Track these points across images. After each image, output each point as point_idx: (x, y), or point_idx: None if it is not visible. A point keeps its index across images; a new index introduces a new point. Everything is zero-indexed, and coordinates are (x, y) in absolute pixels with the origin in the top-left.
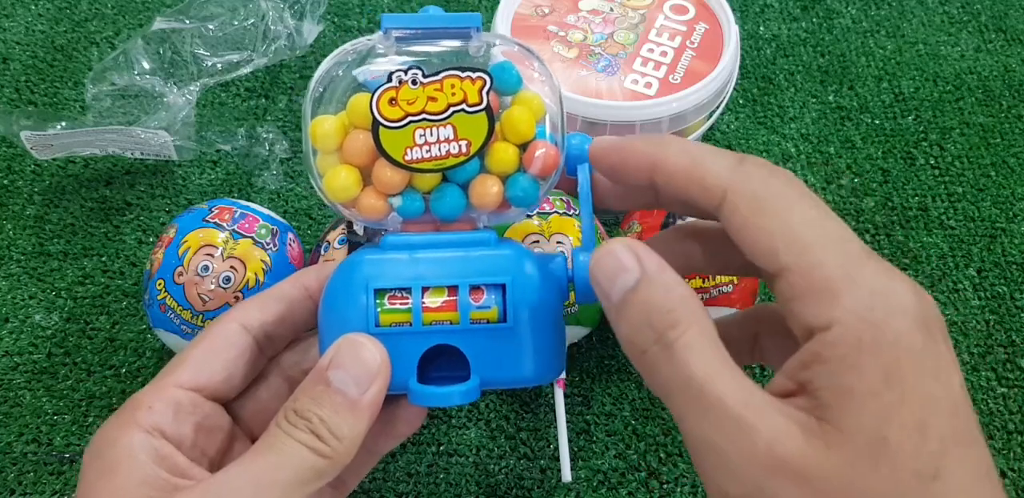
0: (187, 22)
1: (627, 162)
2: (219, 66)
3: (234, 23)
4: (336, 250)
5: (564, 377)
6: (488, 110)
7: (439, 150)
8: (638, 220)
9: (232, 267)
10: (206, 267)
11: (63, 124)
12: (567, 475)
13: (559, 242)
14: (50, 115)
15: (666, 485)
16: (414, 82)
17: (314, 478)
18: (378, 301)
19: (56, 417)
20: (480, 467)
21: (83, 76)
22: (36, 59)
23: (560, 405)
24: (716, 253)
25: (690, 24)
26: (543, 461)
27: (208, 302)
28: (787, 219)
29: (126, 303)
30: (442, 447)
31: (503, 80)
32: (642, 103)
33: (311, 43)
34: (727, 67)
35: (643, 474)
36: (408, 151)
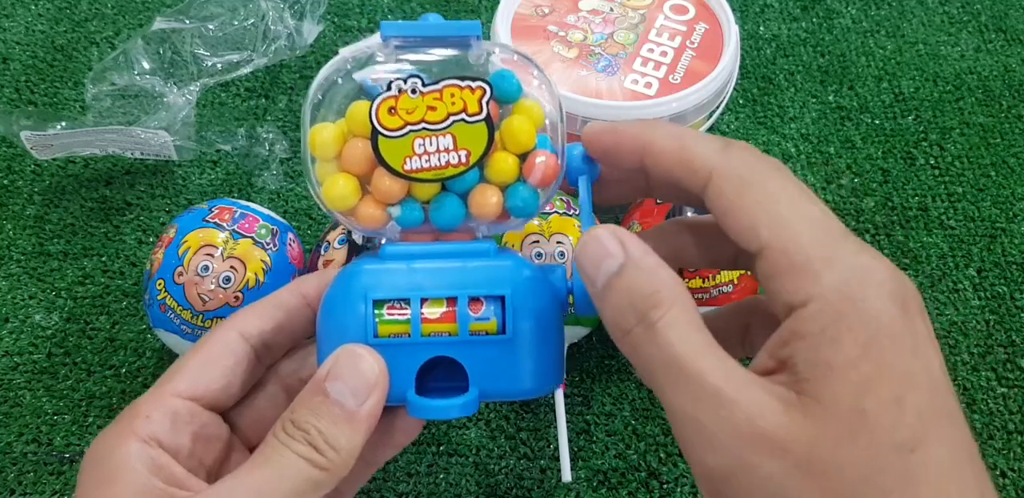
0: (187, 22)
1: (619, 144)
2: (219, 66)
3: (234, 23)
4: (336, 250)
5: (564, 377)
6: (488, 120)
7: (438, 160)
8: (638, 220)
9: (232, 267)
10: (206, 267)
11: (63, 124)
12: (567, 475)
13: (559, 242)
14: (50, 115)
15: (666, 485)
16: (413, 91)
17: (311, 490)
18: (376, 312)
19: (56, 417)
20: (480, 467)
21: (83, 76)
22: (36, 59)
23: (560, 405)
24: (708, 246)
25: (690, 24)
26: (543, 461)
27: (208, 302)
28: (769, 199)
29: (126, 303)
30: (442, 447)
31: (503, 89)
32: (642, 103)
33: (311, 43)
34: (727, 67)
35: (643, 474)
36: (407, 160)
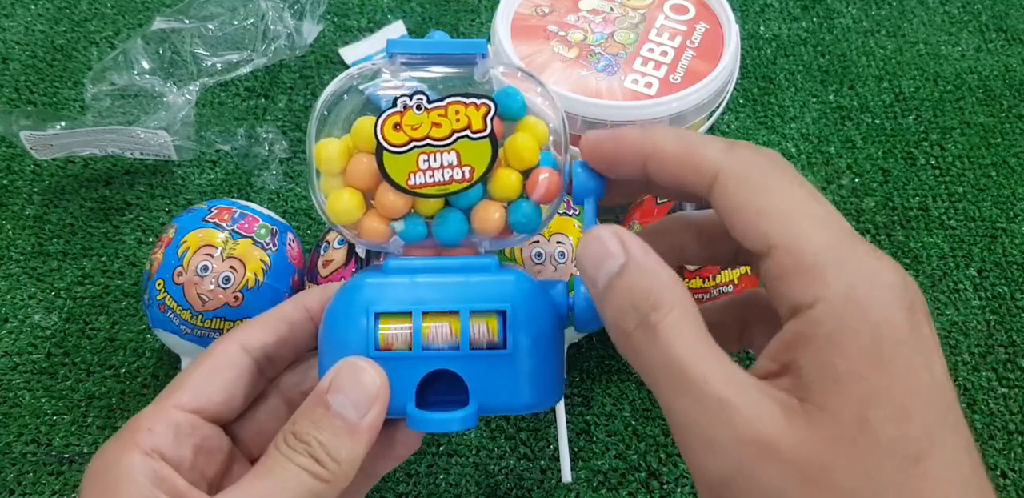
0: (187, 22)
1: (621, 152)
2: (219, 66)
3: (234, 23)
4: (336, 250)
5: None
6: (492, 136)
7: (442, 175)
8: (638, 220)
9: (232, 267)
10: (206, 267)
11: (63, 124)
12: (567, 475)
13: (559, 242)
14: (50, 115)
15: (666, 485)
16: (419, 107)
17: None
18: (378, 325)
19: (55, 417)
20: (480, 467)
21: (83, 76)
22: (36, 59)
23: (560, 405)
24: (708, 243)
25: (690, 24)
26: (543, 461)
27: (208, 302)
28: (776, 199)
29: (125, 303)
30: (442, 447)
31: (507, 106)
32: (642, 103)
33: (311, 43)
34: (727, 67)
35: (643, 474)
36: (411, 176)
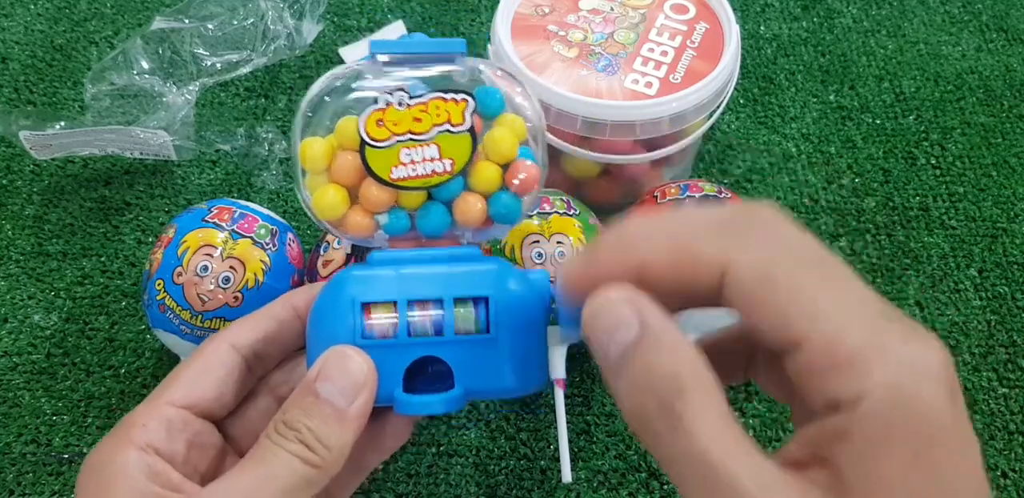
0: (186, 22)
1: (602, 283)
2: (218, 66)
3: (233, 23)
4: (336, 250)
5: (564, 377)
6: (471, 130)
7: (424, 169)
8: None
9: (231, 267)
10: (205, 267)
11: (62, 124)
12: (567, 476)
13: (559, 242)
14: (49, 115)
15: (666, 486)
16: (400, 103)
17: (305, 487)
18: (365, 314)
19: (55, 417)
20: (480, 468)
21: (82, 76)
22: (35, 59)
23: (560, 405)
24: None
25: (690, 24)
26: (543, 462)
27: (207, 302)
28: (797, 287)
29: (125, 303)
30: (442, 447)
31: (487, 104)
32: (642, 103)
33: (311, 43)
34: (728, 67)
35: (643, 474)
36: (394, 169)
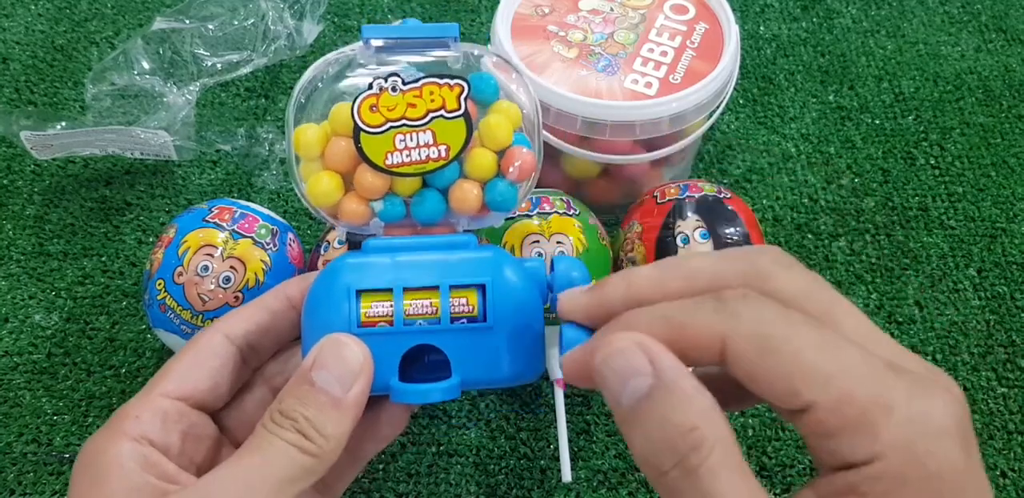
0: (187, 22)
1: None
2: (219, 66)
3: (234, 23)
4: (336, 250)
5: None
6: (466, 115)
7: (419, 155)
8: (638, 220)
9: (232, 267)
10: (206, 267)
11: (63, 124)
12: (567, 475)
13: (559, 242)
14: (50, 115)
15: None
16: (394, 89)
17: (302, 476)
18: (360, 302)
19: (56, 417)
20: (480, 467)
21: (83, 76)
22: (36, 59)
23: (560, 405)
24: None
25: (690, 24)
26: (543, 461)
27: (208, 302)
28: (797, 354)
29: (126, 303)
30: (442, 447)
31: (481, 90)
32: (642, 103)
33: (311, 43)
34: (727, 67)
35: (643, 474)
36: (389, 155)
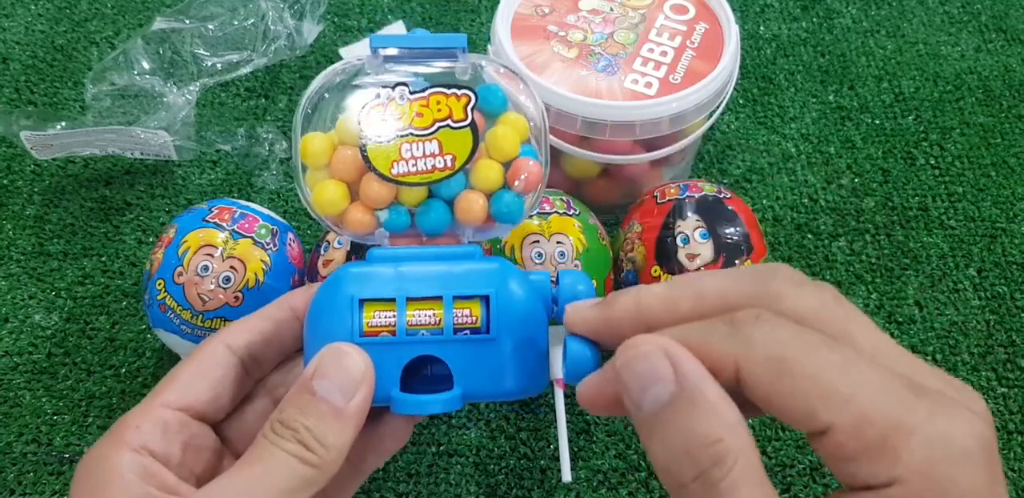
0: (187, 22)
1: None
2: (219, 66)
3: (234, 23)
4: (336, 250)
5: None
6: (473, 125)
7: (425, 164)
8: (638, 220)
9: (232, 267)
10: (206, 267)
11: (63, 124)
12: (567, 475)
13: (559, 242)
14: (50, 115)
15: None
16: (401, 98)
17: (303, 487)
18: (363, 312)
19: (56, 417)
20: (480, 467)
21: (83, 76)
22: (36, 59)
23: (560, 405)
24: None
25: (690, 24)
26: (543, 461)
27: (208, 302)
28: (814, 375)
29: (126, 303)
30: (442, 447)
31: (489, 102)
32: (642, 103)
33: (311, 43)
34: (727, 67)
35: (643, 474)
36: (395, 165)
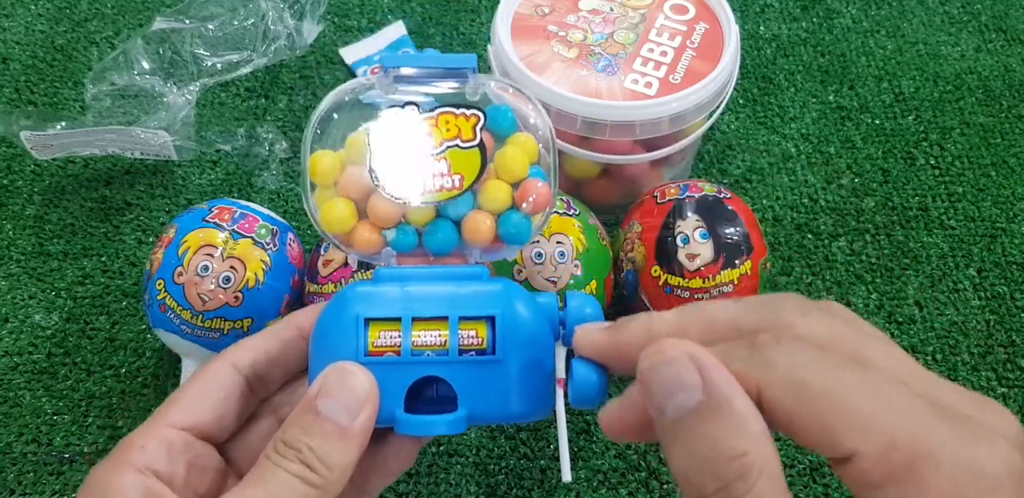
0: (187, 22)
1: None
2: (219, 66)
3: (234, 23)
4: (336, 250)
5: (565, 377)
6: (481, 146)
7: (433, 184)
8: (638, 220)
9: (232, 267)
10: (206, 267)
11: (63, 124)
12: (567, 475)
13: (559, 242)
14: (50, 115)
15: (666, 485)
16: (410, 118)
17: None
18: (368, 331)
19: (56, 417)
20: (480, 467)
21: (83, 76)
22: (36, 59)
23: (560, 405)
24: None
25: (690, 24)
26: (543, 461)
27: (208, 302)
28: (836, 399)
29: (126, 303)
30: (442, 447)
31: (498, 123)
32: (642, 103)
33: (311, 43)
34: (727, 67)
35: (643, 474)
36: None
